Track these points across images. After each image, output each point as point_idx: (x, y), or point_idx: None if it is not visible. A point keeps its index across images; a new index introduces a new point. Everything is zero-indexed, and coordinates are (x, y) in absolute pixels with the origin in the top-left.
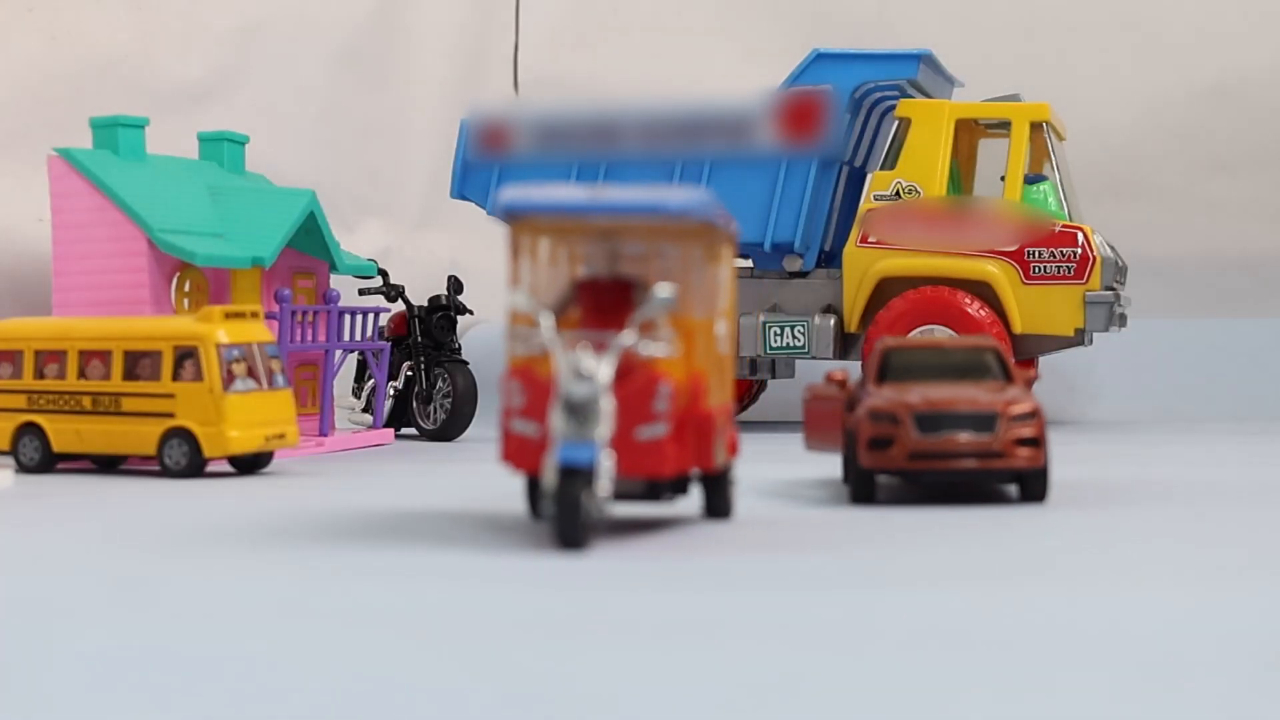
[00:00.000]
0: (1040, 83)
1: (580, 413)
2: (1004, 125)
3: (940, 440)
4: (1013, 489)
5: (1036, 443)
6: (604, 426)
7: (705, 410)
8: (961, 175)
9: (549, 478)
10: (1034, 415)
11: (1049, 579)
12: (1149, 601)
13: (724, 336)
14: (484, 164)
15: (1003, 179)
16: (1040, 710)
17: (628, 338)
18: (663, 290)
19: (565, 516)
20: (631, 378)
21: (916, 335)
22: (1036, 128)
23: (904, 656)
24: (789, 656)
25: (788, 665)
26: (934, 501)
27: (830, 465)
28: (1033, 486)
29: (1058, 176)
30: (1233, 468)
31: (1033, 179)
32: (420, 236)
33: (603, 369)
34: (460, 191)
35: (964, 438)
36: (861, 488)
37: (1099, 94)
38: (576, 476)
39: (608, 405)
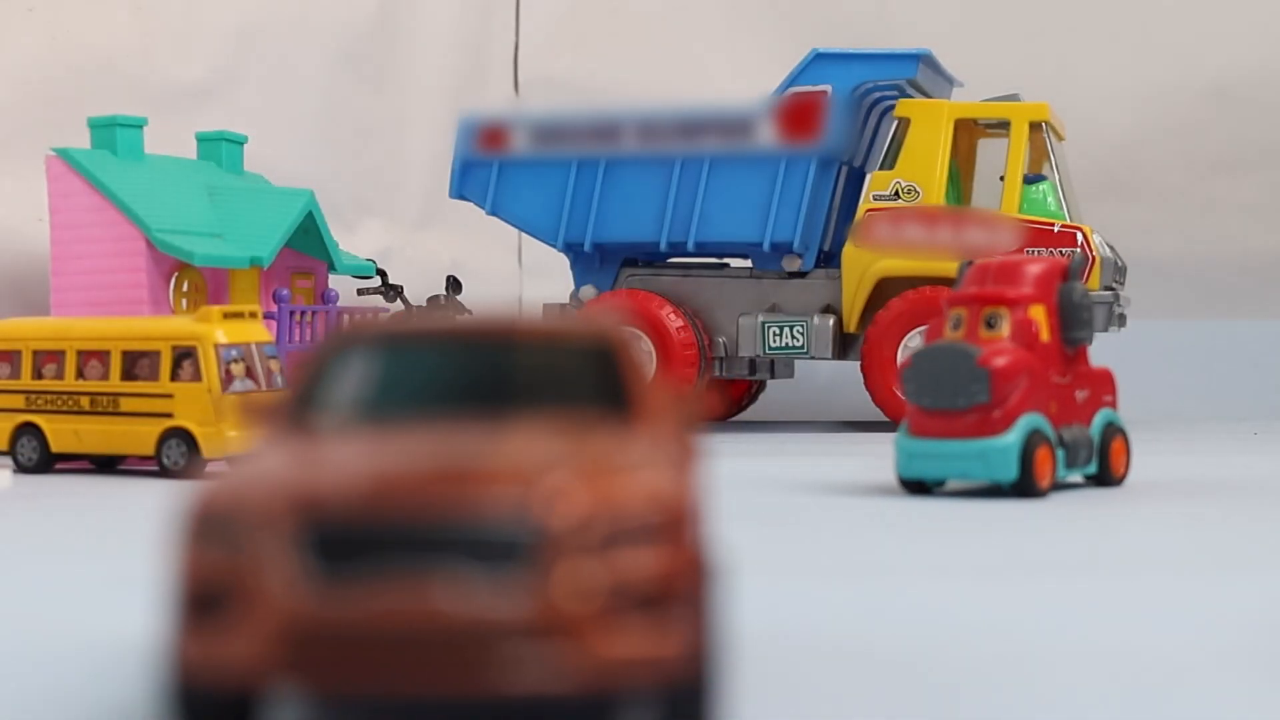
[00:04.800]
0: (1039, 82)
1: None
2: (1003, 125)
3: None
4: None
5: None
6: None
7: None
8: (961, 175)
9: None
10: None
11: (1048, 579)
12: (1148, 601)
13: None
14: (483, 163)
15: (1002, 179)
16: (1039, 709)
17: None
18: None
19: None
20: None
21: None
22: (1036, 127)
23: (902, 656)
24: (784, 658)
25: (784, 666)
26: (928, 497)
27: (833, 467)
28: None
29: (1057, 176)
30: (1234, 467)
31: (1032, 179)
32: (419, 236)
33: None
34: (459, 191)
35: None
36: None
37: (1099, 94)
38: None
39: None
